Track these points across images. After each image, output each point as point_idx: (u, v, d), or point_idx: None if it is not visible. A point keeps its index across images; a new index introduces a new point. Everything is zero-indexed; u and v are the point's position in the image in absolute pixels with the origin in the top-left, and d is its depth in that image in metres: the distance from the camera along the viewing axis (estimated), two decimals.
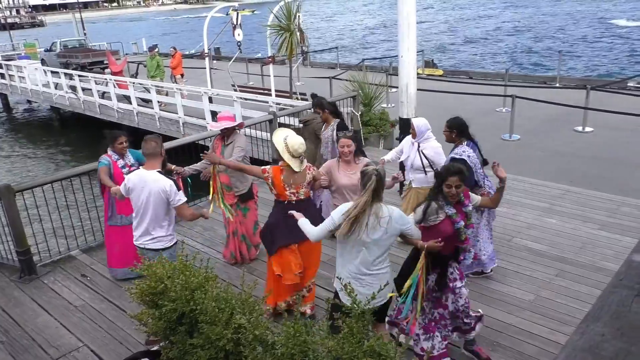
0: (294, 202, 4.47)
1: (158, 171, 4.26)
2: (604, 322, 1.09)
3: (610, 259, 5.52)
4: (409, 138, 5.73)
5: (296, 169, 4.43)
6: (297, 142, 4.42)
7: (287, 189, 4.47)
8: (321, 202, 5.92)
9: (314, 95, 7.33)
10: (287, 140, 4.40)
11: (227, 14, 13.35)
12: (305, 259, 4.63)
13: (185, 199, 4.34)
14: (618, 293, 1.17)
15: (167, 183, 4.20)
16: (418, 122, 5.56)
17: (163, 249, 4.31)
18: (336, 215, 3.51)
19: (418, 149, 5.54)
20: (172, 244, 4.43)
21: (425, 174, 5.53)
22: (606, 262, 5.49)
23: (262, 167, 4.56)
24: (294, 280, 4.58)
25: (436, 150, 5.51)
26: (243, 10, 13.72)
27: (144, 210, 4.27)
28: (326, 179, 4.77)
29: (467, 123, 5.04)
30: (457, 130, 5.02)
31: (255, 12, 12.08)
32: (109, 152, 5.39)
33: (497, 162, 4.13)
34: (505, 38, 36.61)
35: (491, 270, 5.36)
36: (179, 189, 4.27)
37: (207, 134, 8.86)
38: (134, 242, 4.45)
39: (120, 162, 5.37)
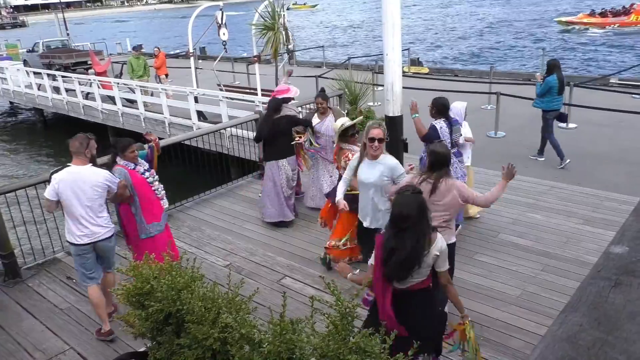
0: None
1: (92, 165, 4.60)
2: (582, 313, 1.11)
3: (594, 253, 5.59)
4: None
5: None
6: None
7: None
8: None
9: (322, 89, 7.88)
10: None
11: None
12: None
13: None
14: (596, 284, 1.19)
15: (105, 173, 4.63)
16: None
17: (111, 236, 4.75)
18: None
19: None
20: (114, 231, 4.84)
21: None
22: (590, 257, 5.56)
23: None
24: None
25: None
26: (305, 4, 13.63)
27: (87, 204, 4.52)
28: None
29: (447, 106, 5.67)
30: (436, 108, 5.66)
31: (316, 6, 11.89)
32: (121, 162, 5.01)
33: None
34: (489, 36, 36.88)
35: None
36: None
37: (192, 134, 8.82)
38: (86, 241, 4.60)
39: (139, 169, 5.09)
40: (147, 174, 5.16)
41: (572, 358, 1.00)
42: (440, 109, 5.64)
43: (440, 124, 5.62)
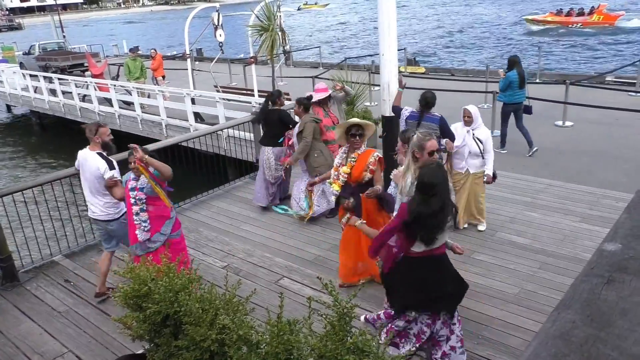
0: None
1: (98, 153, 5.08)
2: (575, 310, 1.12)
3: (591, 251, 5.57)
4: (458, 126, 6.10)
5: None
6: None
7: None
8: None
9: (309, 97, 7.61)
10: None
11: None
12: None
13: (114, 177, 4.98)
14: (589, 281, 1.20)
15: (101, 163, 5.01)
16: (474, 110, 6.05)
17: (111, 220, 5.20)
18: None
19: (473, 136, 6.00)
20: (119, 216, 5.22)
21: (483, 159, 6.05)
22: (587, 254, 5.56)
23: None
24: None
25: (488, 135, 6.08)
26: (315, 4, 13.65)
27: (88, 185, 5.14)
28: None
29: (428, 101, 5.86)
30: (420, 99, 5.94)
31: (327, 5, 11.93)
32: None
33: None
34: (484, 34, 36.95)
35: None
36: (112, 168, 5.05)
37: (189, 135, 8.82)
38: (89, 215, 5.31)
39: (133, 183, 4.72)
40: (133, 192, 4.69)
41: (565, 355, 1.01)
42: (421, 100, 5.93)
43: (406, 111, 6.04)
